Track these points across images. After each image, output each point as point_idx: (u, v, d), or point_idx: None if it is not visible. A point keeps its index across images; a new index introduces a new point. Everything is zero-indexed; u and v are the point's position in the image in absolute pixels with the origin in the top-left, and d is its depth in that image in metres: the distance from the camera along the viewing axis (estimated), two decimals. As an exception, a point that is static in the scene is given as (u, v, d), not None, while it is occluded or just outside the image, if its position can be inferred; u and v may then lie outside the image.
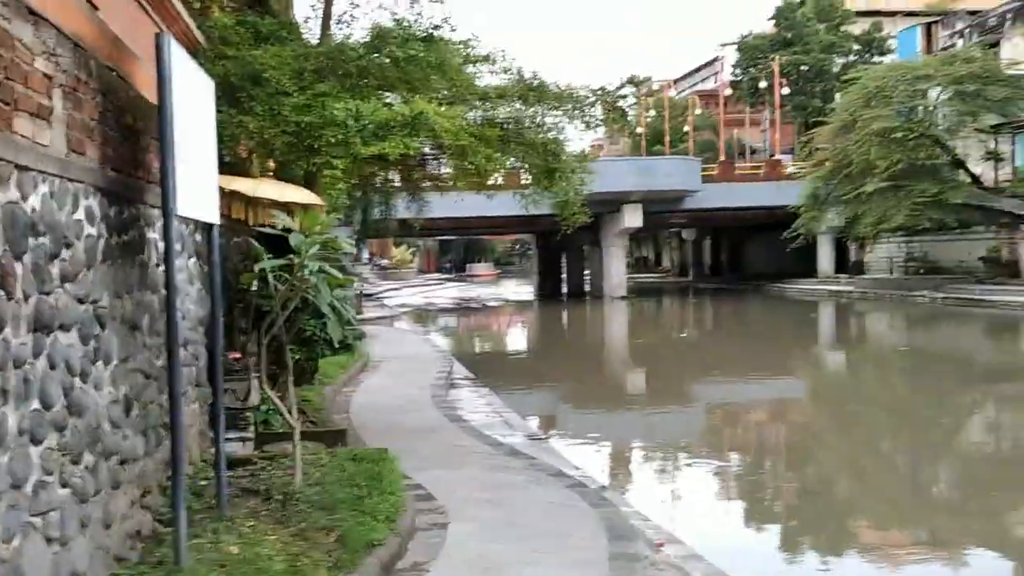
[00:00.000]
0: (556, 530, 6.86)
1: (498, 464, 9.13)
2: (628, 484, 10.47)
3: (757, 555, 8.15)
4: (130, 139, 5.87)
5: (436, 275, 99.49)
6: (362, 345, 17.84)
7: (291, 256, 6.96)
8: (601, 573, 5.95)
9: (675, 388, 19.07)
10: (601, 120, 11.48)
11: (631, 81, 16.35)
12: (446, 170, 13.16)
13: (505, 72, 11.58)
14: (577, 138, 53.56)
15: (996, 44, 39.50)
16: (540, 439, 11.24)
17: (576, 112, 11.08)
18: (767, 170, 50.75)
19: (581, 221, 12.88)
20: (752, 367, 21.59)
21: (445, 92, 10.76)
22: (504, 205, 21.97)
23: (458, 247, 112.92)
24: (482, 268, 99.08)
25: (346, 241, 6.85)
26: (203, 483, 6.80)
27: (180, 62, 5.51)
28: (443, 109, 9.42)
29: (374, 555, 5.89)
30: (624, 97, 14.81)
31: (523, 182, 14.10)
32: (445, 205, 26.03)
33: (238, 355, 8.63)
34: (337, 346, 9.67)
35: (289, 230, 7.36)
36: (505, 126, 10.53)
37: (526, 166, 10.66)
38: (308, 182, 11.07)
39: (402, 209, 22.97)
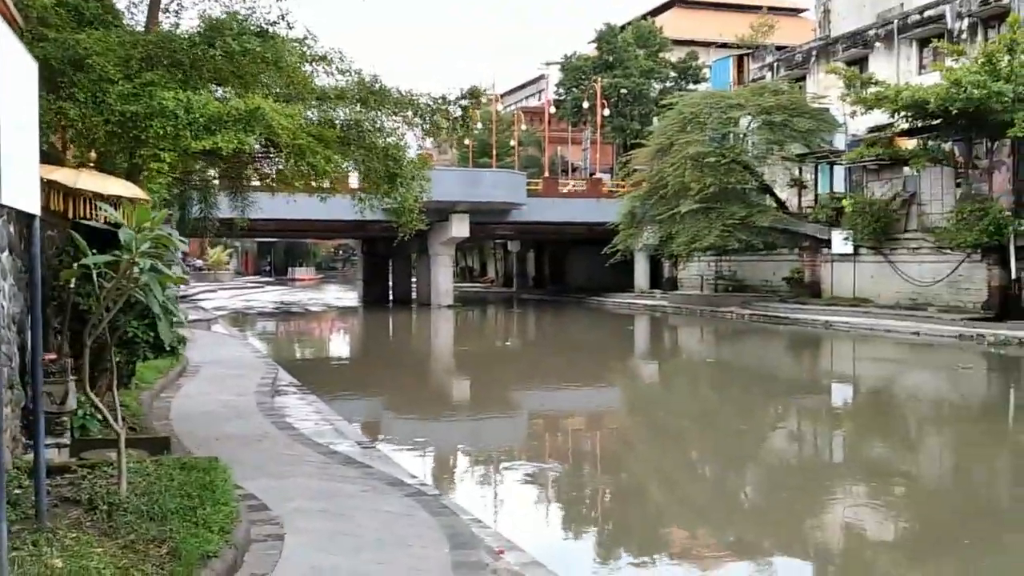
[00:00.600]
0: (396, 540, 6.75)
1: (333, 473, 8.91)
2: (464, 491, 10.43)
3: (589, 559, 8.31)
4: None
5: (255, 278, 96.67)
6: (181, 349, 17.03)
7: (117, 252, 6.58)
8: (444, 582, 5.90)
9: (501, 396, 19.25)
10: (443, 129, 11.46)
11: (472, 93, 16.48)
12: (278, 170, 12.75)
13: (341, 74, 11.36)
14: (414, 146, 53.14)
15: (802, 79, 42.23)
16: (372, 447, 11.07)
17: (416, 119, 11.03)
18: (588, 187, 52.25)
19: (417, 228, 12.79)
20: (573, 376, 22.09)
21: (280, 90, 10.45)
22: (334, 209, 21.61)
23: (278, 250, 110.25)
24: (304, 272, 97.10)
25: (179, 240, 6.50)
26: (18, 492, 6.28)
27: (3, 38, 5.09)
28: (280, 107, 9.12)
29: (209, 567, 5.61)
30: (465, 108, 14.73)
31: (356, 187, 13.81)
32: (271, 206, 25.34)
33: (53, 356, 8.05)
34: (165, 350, 9.19)
35: (115, 225, 6.95)
36: (345, 128, 10.34)
37: (364, 170, 10.47)
38: (130, 176, 10.48)
39: (224, 208, 22.17)
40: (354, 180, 13.72)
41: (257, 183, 15.94)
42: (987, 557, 8.43)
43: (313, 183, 10.46)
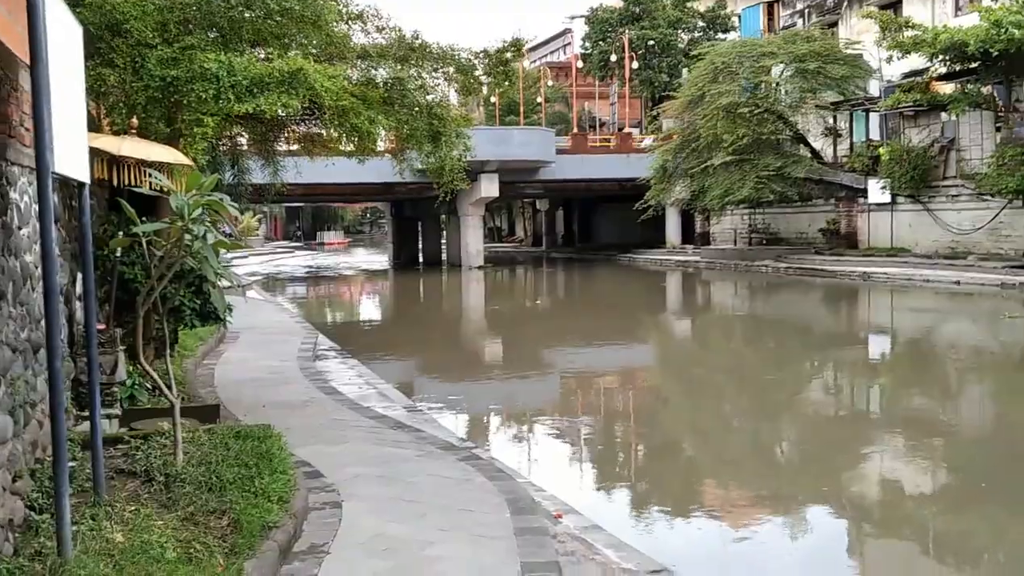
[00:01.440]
0: (456, 505, 6.66)
1: (384, 438, 8.85)
2: (514, 454, 10.31)
3: (645, 521, 8.19)
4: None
5: (284, 243, 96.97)
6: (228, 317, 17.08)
7: (167, 220, 6.47)
8: (509, 548, 5.78)
9: (538, 355, 19.14)
10: (484, 84, 11.22)
11: (515, 45, 16.00)
12: (314, 132, 12.58)
13: (379, 31, 11.15)
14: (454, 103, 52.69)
15: (834, 25, 41.31)
16: (418, 411, 10.99)
17: (458, 75, 10.80)
18: (618, 143, 51.65)
19: (458, 187, 12.60)
20: (609, 334, 21.91)
21: (319, 49, 10.24)
22: (362, 172, 21.42)
23: (306, 215, 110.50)
24: (332, 236, 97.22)
25: (230, 204, 6.37)
26: (72, 464, 6.21)
27: (52, 2, 4.93)
28: (323, 67, 8.92)
29: (271, 538, 5.54)
30: (506, 61, 14.35)
31: (394, 147, 13.53)
32: (300, 171, 25.21)
33: (103, 327, 7.99)
34: (211, 317, 9.12)
35: (162, 191, 6.84)
36: (388, 87, 10.13)
37: (408, 129, 10.27)
38: (169, 142, 10.36)
39: (255, 174, 22.10)
40: (386, 142, 13.52)
41: (290, 147, 15.80)
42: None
43: (353, 145, 10.27)
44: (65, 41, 5.33)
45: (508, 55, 11.50)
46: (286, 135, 13.04)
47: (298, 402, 10.76)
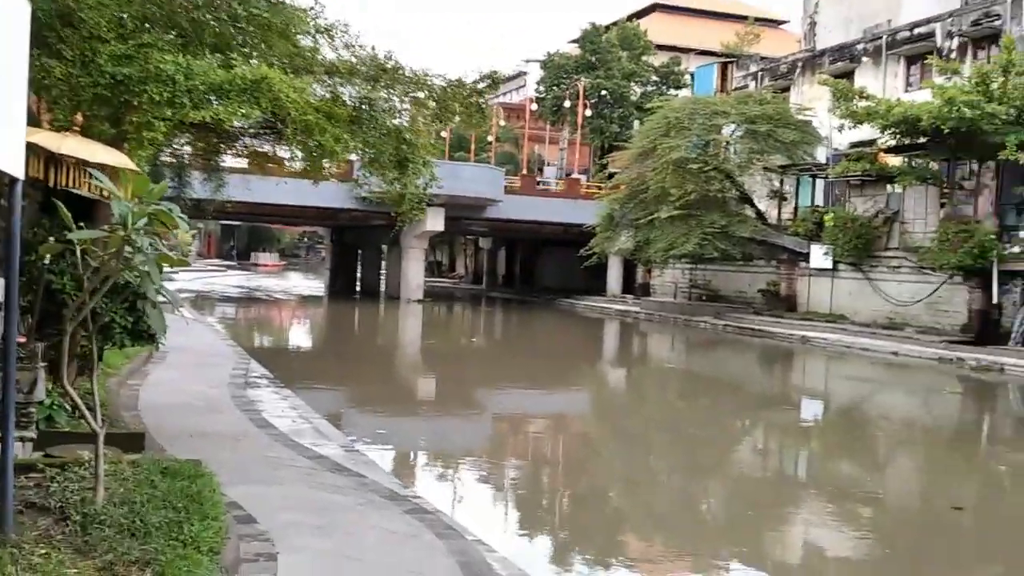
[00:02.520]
0: (403, 566, 6.05)
1: (322, 481, 8.18)
2: (461, 506, 9.73)
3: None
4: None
5: (218, 261, 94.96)
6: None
7: (106, 228, 5.83)
8: (466, 621, 5.22)
9: (477, 396, 18.63)
10: (456, 114, 10.73)
11: (491, 78, 15.49)
12: (271, 148, 11.95)
13: (347, 48, 10.62)
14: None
15: (786, 90, 41.91)
16: (356, 452, 10.32)
17: (430, 102, 10.30)
18: (566, 188, 51.65)
19: (417, 218, 12.07)
20: (548, 379, 21.48)
21: (285, 61, 9.67)
22: (305, 195, 20.86)
23: (242, 234, 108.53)
24: (268, 258, 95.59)
25: (180, 216, 5.75)
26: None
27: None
28: (289, 78, 8.36)
29: (198, 597, 4.89)
30: (482, 93, 13.90)
31: (357, 170, 12.90)
32: (240, 188, 24.49)
33: (23, 339, 7.24)
34: (143, 337, 8.38)
35: (102, 195, 6.20)
36: (356, 106, 9.58)
37: (374, 153, 9.70)
38: (113, 145, 9.67)
39: (196, 187, 21.36)
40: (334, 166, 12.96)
41: (234, 163, 15.11)
42: None
43: (313, 164, 9.67)
44: (7, 19, 4.73)
45: (483, 85, 11.07)
46: (236, 149, 12.35)
47: (229, 434, 10.03)
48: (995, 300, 28.68)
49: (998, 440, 16.96)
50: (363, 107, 9.54)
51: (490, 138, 62.93)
